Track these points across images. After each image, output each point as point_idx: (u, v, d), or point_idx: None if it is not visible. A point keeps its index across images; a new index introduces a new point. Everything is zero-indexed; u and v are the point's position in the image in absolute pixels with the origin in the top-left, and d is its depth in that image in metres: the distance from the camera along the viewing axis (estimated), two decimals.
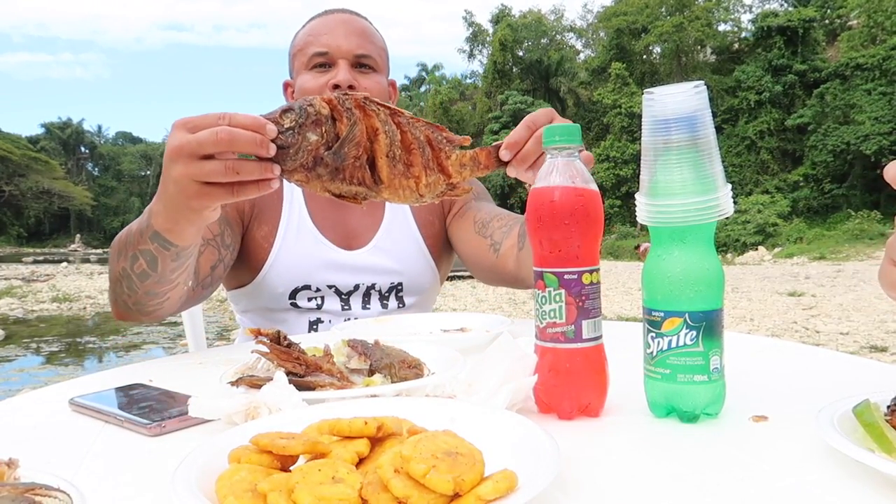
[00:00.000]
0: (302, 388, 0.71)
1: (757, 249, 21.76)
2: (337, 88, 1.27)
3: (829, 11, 30.81)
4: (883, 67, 25.96)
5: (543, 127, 0.90)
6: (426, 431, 0.50)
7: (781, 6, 32.82)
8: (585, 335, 0.68)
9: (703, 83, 0.65)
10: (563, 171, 0.69)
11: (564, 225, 0.67)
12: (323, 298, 1.37)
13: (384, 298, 1.42)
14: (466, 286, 13.46)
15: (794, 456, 0.57)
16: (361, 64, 1.32)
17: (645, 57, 33.64)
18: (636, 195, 0.69)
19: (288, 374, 0.73)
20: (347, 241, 1.41)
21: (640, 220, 0.68)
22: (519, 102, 31.67)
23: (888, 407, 0.57)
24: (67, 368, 6.66)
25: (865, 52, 26.82)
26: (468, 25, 40.39)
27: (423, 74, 53.95)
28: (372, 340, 0.84)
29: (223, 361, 1.01)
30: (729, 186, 0.66)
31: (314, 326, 1.37)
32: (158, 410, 0.73)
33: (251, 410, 0.65)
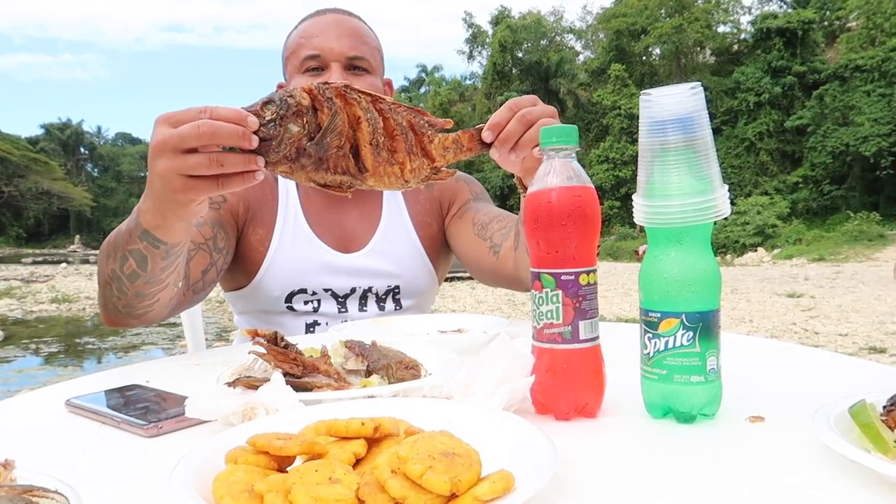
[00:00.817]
0: (299, 388, 0.71)
1: (756, 251, 21.78)
2: None
3: (828, 13, 30.84)
4: (882, 69, 25.98)
5: (525, 109, 0.90)
6: (423, 432, 0.50)
7: (780, 8, 32.87)
8: (582, 336, 0.68)
9: (699, 84, 0.65)
10: (559, 172, 0.69)
11: (561, 226, 0.67)
12: (319, 301, 1.37)
13: (381, 301, 1.41)
14: (465, 287, 13.46)
15: (790, 456, 0.57)
16: (355, 66, 1.31)
17: (644, 58, 33.66)
18: (633, 196, 0.69)
19: (285, 374, 0.73)
20: (344, 243, 1.40)
21: (637, 220, 0.68)
22: None
23: (884, 407, 0.57)
24: (66, 369, 6.66)
25: (864, 53, 26.85)
26: (468, 27, 40.43)
27: (422, 76, 53.99)
28: (369, 341, 0.84)
29: (220, 362, 1.01)
30: (726, 187, 0.66)
31: (311, 329, 1.37)
32: (155, 411, 0.73)
33: (248, 411, 0.65)
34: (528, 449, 0.51)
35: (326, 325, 1.36)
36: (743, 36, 32.67)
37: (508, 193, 30.49)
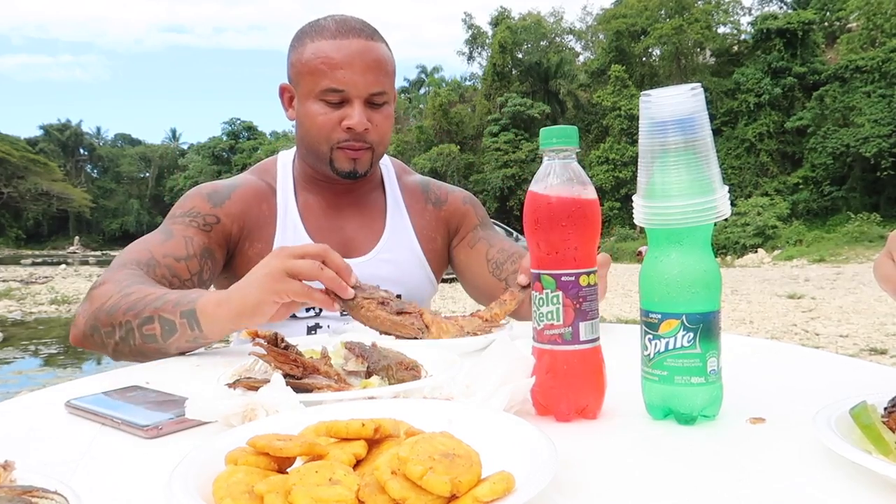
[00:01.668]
0: (299, 389, 0.71)
1: (756, 252, 21.76)
2: (350, 131, 1.28)
3: (828, 14, 30.83)
4: (882, 70, 25.97)
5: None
6: (423, 433, 0.50)
7: (780, 8, 32.86)
8: (583, 337, 0.68)
9: (699, 85, 0.65)
10: (560, 173, 0.69)
11: (562, 227, 0.67)
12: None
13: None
14: None
15: (791, 458, 0.57)
16: (375, 102, 1.31)
17: (644, 59, 33.64)
18: (634, 197, 0.69)
19: (285, 375, 0.73)
20: (345, 249, 1.38)
21: (637, 222, 0.68)
22: (518, 105, 31.63)
23: (885, 409, 0.57)
24: (66, 370, 6.65)
25: (865, 54, 26.83)
26: (467, 28, 40.39)
27: (422, 77, 53.96)
28: (369, 342, 0.84)
29: (220, 363, 1.01)
30: (726, 188, 0.66)
31: (312, 331, 1.37)
32: (155, 413, 0.73)
33: (248, 412, 0.65)
34: (528, 450, 0.51)
35: (328, 327, 1.36)
36: (743, 37, 32.66)
37: (508, 194, 30.50)
